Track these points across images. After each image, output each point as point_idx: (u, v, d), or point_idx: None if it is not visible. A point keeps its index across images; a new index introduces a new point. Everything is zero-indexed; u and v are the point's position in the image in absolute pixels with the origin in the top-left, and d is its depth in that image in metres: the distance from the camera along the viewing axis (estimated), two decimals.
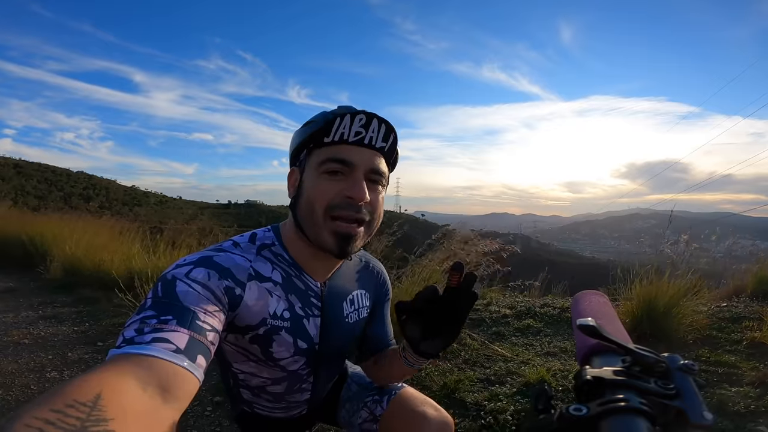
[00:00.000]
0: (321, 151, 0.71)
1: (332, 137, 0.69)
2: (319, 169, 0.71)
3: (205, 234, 4.97)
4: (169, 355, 0.48)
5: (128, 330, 0.51)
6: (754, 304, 3.16)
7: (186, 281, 0.60)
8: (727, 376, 2.11)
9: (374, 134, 0.71)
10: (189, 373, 0.49)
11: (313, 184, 0.71)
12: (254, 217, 64.72)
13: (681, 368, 0.36)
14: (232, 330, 0.71)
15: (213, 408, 2.02)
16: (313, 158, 0.72)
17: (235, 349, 0.76)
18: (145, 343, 0.49)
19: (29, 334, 2.97)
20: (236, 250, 0.72)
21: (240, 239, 0.76)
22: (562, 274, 4.67)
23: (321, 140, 0.70)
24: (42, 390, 2.18)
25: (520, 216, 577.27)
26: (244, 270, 0.70)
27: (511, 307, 3.39)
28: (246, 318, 0.70)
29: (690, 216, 41.50)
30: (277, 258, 0.76)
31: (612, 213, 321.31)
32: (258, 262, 0.73)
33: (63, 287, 4.27)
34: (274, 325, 0.73)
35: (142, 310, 0.55)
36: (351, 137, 0.70)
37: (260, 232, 0.79)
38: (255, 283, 0.71)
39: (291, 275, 0.76)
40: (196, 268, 0.63)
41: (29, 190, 64.78)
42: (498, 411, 1.84)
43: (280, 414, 0.89)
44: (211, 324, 0.57)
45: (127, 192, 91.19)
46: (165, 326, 0.51)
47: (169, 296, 0.57)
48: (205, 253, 0.69)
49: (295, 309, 0.75)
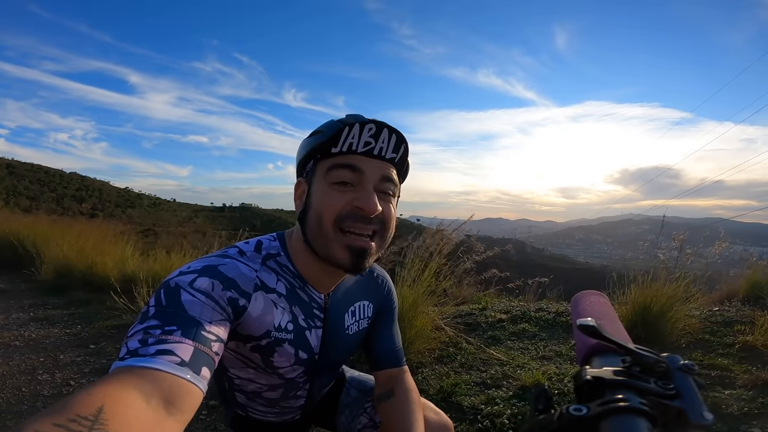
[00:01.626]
0: (329, 162, 0.68)
1: (340, 147, 0.66)
2: (326, 179, 0.68)
3: (199, 238, 4.93)
4: (173, 368, 0.47)
5: (132, 340, 0.50)
6: (745, 308, 3.20)
7: (190, 291, 0.59)
8: (720, 379, 2.13)
9: (384, 144, 0.68)
10: (193, 385, 0.48)
11: (321, 196, 0.68)
12: (249, 220, 64.32)
13: (681, 368, 0.36)
14: (234, 338, 0.70)
15: (208, 412, 2.00)
16: (320, 169, 0.69)
17: (234, 356, 0.75)
18: (150, 355, 0.48)
19: (20, 336, 2.93)
20: (242, 258, 0.70)
21: (245, 247, 0.73)
22: (557, 279, 4.69)
23: (329, 150, 0.67)
24: (33, 392, 2.15)
25: (514, 221, 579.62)
26: (250, 280, 0.68)
27: (507, 312, 3.40)
28: (249, 328, 0.69)
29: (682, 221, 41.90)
30: (282, 269, 0.74)
31: (605, 218, 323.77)
32: (263, 272, 0.71)
33: (54, 289, 4.21)
34: (277, 337, 0.72)
35: (145, 318, 0.54)
36: (360, 147, 0.67)
37: (266, 241, 0.76)
38: (261, 293, 0.69)
39: (295, 287, 0.74)
40: (200, 278, 0.61)
41: (21, 191, 64.03)
42: (495, 415, 1.84)
43: (273, 418, 0.89)
44: (216, 334, 0.56)
45: (121, 194, 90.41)
46: (170, 337, 0.51)
47: (173, 306, 0.56)
48: (209, 260, 0.66)
49: (298, 321, 0.74)
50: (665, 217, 3.45)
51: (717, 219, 68.30)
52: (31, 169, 76.63)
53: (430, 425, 0.86)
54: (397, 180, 0.73)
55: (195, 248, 4.30)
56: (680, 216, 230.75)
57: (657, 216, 3.28)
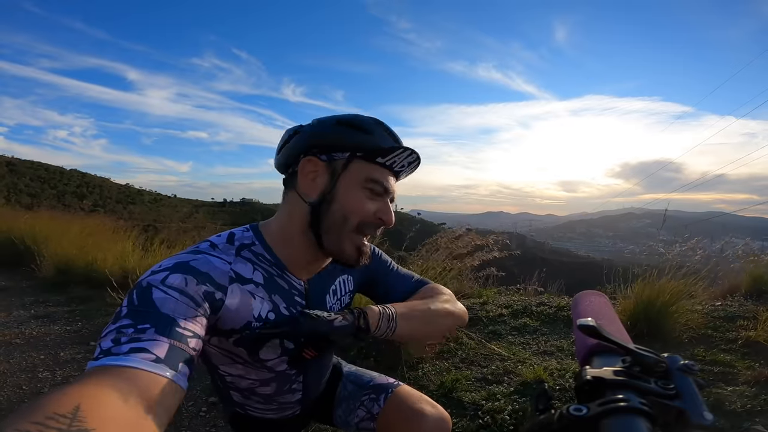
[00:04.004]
0: (370, 168, 0.72)
1: (386, 161, 0.72)
2: (363, 184, 0.72)
3: (200, 233, 4.94)
4: (149, 366, 0.47)
5: (105, 340, 0.50)
6: (748, 303, 3.19)
7: (162, 288, 0.58)
8: (722, 375, 2.13)
9: (405, 168, 0.77)
10: (171, 382, 0.47)
11: (353, 196, 0.72)
12: (250, 216, 64.50)
13: (681, 368, 0.36)
14: (216, 333, 0.69)
15: (208, 409, 2.01)
16: (357, 169, 0.72)
17: (220, 352, 0.74)
18: (123, 354, 0.47)
19: (21, 333, 2.94)
20: (214, 251, 0.69)
21: (217, 240, 0.72)
22: (558, 272, 4.70)
23: (373, 156, 0.72)
24: (34, 390, 2.16)
25: (515, 215, 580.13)
26: (224, 273, 0.67)
27: (508, 306, 3.39)
28: (229, 322, 0.68)
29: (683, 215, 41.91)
30: (258, 258, 0.73)
31: (606, 212, 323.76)
32: (238, 263, 0.70)
33: (55, 286, 4.23)
34: (258, 327, 0.71)
35: (117, 318, 0.53)
36: (396, 168, 0.75)
37: (238, 232, 0.76)
38: (237, 285, 0.68)
39: (273, 275, 0.74)
40: (172, 274, 0.60)
41: (22, 188, 64.29)
42: (496, 410, 1.84)
43: (272, 415, 0.88)
44: (192, 330, 0.56)
45: (121, 190, 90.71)
46: (143, 335, 0.50)
47: (145, 304, 0.55)
48: (181, 257, 0.65)
49: (279, 309, 0.74)
50: (667, 211, 3.44)
51: (719, 213, 68.18)
52: (32, 166, 76.89)
53: (428, 418, 0.87)
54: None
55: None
56: (682, 210, 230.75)
57: (658, 210, 3.29)
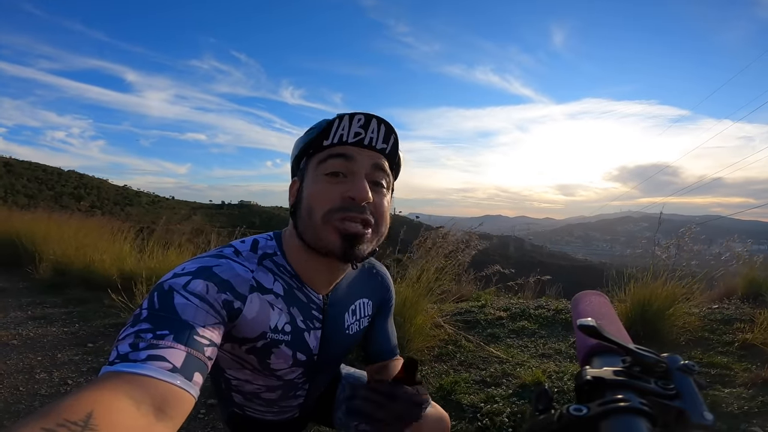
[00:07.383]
0: (320, 154, 0.69)
1: (331, 139, 0.67)
2: (318, 171, 0.68)
3: (197, 235, 4.91)
4: (164, 375, 0.47)
5: (122, 344, 0.50)
6: (745, 306, 3.20)
7: (184, 293, 0.58)
8: (719, 377, 2.13)
9: (374, 135, 0.69)
10: (184, 392, 0.48)
11: (313, 188, 0.68)
12: (248, 218, 64.25)
13: (681, 369, 0.36)
14: (229, 340, 0.69)
15: (206, 410, 1.99)
16: (312, 163, 0.70)
17: (230, 357, 0.74)
18: (140, 360, 0.47)
19: (18, 335, 2.91)
20: (237, 258, 0.69)
21: (241, 247, 0.72)
22: (555, 276, 4.70)
23: (320, 144, 0.68)
24: (31, 392, 2.14)
25: (513, 218, 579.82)
26: (246, 281, 0.67)
27: (506, 309, 3.40)
28: (244, 330, 0.68)
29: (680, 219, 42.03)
30: (279, 269, 0.73)
31: (604, 216, 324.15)
32: (260, 272, 0.70)
33: (52, 287, 4.20)
34: (274, 338, 0.71)
35: (137, 321, 0.53)
36: (350, 138, 0.67)
37: (262, 240, 0.75)
38: (257, 295, 0.68)
39: (293, 287, 0.73)
40: (194, 280, 0.60)
41: (19, 189, 63.94)
42: (494, 413, 1.84)
43: (272, 417, 0.88)
44: (209, 338, 0.56)
45: (119, 191, 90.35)
46: (161, 342, 0.50)
47: (166, 309, 0.55)
48: (204, 261, 0.65)
49: (296, 322, 0.73)
50: (663, 215, 3.45)
51: (715, 216, 68.41)
52: (29, 167, 76.57)
53: (427, 417, 0.86)
54: (389, 171, 0.73)
55: (194, 246, 4.29)
56: (679, 213, 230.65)
57: (655, 213, 3.31)
